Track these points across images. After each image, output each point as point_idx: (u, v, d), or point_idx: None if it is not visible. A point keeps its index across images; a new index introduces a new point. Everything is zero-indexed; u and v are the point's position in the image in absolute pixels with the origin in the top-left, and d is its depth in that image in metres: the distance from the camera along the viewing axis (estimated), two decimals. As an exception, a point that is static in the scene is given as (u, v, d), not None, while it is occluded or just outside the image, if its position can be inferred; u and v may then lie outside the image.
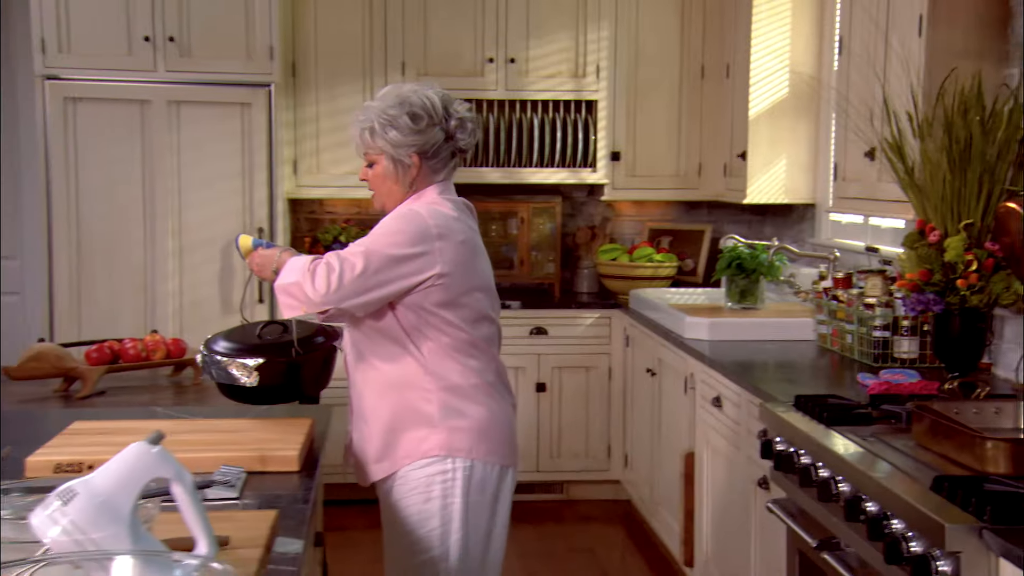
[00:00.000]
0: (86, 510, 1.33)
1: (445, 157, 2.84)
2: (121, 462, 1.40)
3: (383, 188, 2.84)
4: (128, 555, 1.27)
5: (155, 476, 1.40)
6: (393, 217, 2.80)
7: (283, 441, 2.51)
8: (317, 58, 5.61)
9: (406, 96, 2.80)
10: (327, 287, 2.64)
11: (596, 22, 5.69)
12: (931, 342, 3.71)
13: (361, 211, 6.04)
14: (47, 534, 1.33)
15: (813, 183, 5.37)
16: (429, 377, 2.76)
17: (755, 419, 3.56)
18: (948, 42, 3.56)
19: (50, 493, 1.38)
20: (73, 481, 1.39)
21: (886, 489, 2.39)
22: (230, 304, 5.37)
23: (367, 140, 2.80)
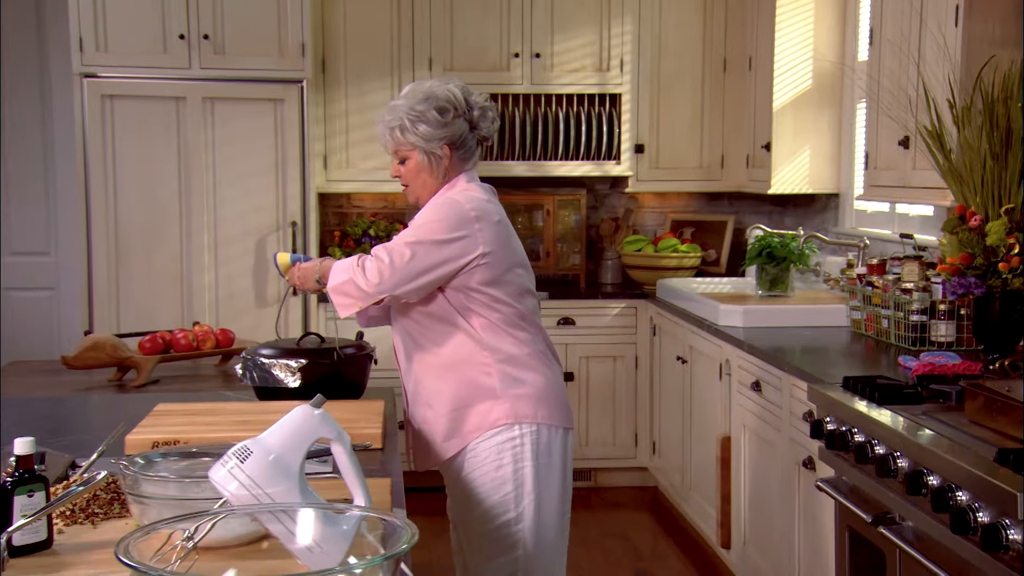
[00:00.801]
0: (261, 467, 1.42)
1: (471, 147, 3.00)
2: (289, 423, 1.49)
3: (417, 181, 2.99)
4: (308, 507, 1.35)
5: (319, 437, 1.49)
6: (431, 207, 2.95)
7: (365, 421, 2.61)
8: (346, 54, 5.69)
9: (430, 91, 2.94)
10: (379, 277, 2.80)
11: (619, 16, 5.78)
12: (968, 325, 3.82)
13: (388, 205, 6.12)
14: (227, 488, 1.42)
15: (837, 173, 5.47)
16: (486, 352, 2.89)
17: (798, 401, 3.66)
18: (984, 32, 3.65)
19: (225, 452, 1.47)
20: (247, 441, 1.48)
21: (950, 462, 2.48)
22: (264, 297, 5.45)
23: (398, 137, 2.94)
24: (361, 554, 1.42)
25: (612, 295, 5.69)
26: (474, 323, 2.89)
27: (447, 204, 2.91)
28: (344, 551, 1.40)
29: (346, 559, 1.38)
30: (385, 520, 1.35)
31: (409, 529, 1.26)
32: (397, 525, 1.28)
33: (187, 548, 1.36)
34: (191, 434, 2.42)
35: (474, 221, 2.87)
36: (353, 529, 1.41)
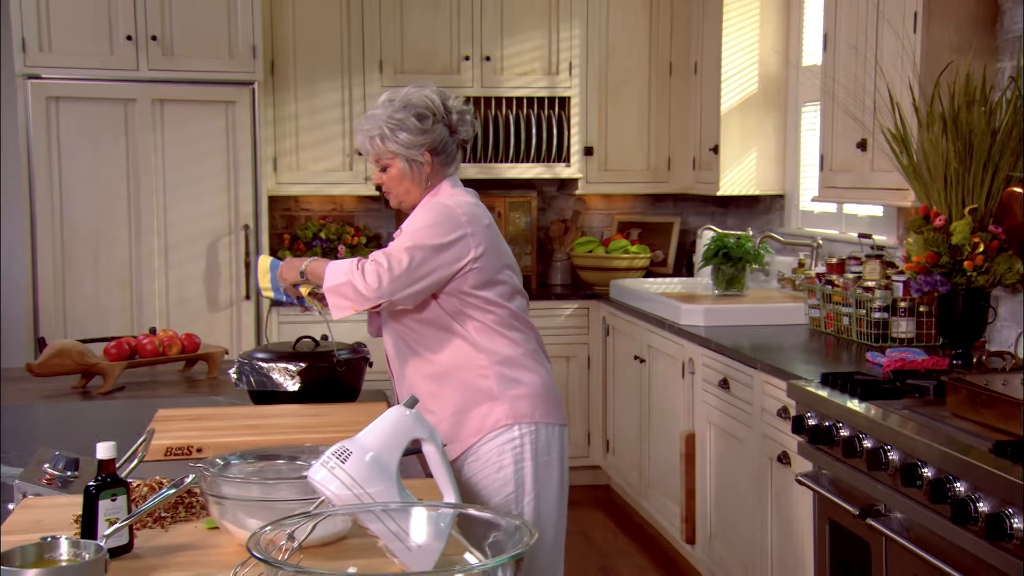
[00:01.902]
0: (361, 467, 1.43)
1: (452, 151, 3.04)
2: (384, 424, 1.50)
3: (400, 188, 3.00)
4: (420, 506, 1.37)
5: (413, 436, 1.51)
6: (422, 212, 2.97)
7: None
8: (295, 57, 5.66)
9: (408, 98, 2.96)
10: (379, 282, 2.80)
11: (568, 21, 5.84)
12: (927, 322, 3.94)
13: (337, 208, 6.10)
14: (328, 488, 1.43)
15: (783, 174, 5.59)
16: (481, 355, 2.91)
17: (771, 398, 3.74)
18: (942, 38, 3.78)
19: (328, 451, 1.48)
20: (344, 441, 1.50)
21: (947, 454, 2.57)
22: (216, 302, 5.39)
23: (379, 146, 2.95)
24: (452, 553, 1.44)
25: (563, 296, 5.75)
26: (468, 327, 2.92)
27: (438, 209, 2.93)
28: (440, 549, 1.42)
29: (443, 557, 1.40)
30: (500, 520, 1.37)
31: (529, 529, 1.29)
32: (516, 525, 1.30)
33: (292, 547, 1.37)
34: (204, 439, 2.40)
35: (466, 225, 2.91)
36: (448, 528, 1.43)
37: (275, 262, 3.07)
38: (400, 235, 2.99)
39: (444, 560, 1.37)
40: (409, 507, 1.38)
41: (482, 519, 1.38)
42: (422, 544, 1.39)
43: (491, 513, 1.36)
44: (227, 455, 1.72)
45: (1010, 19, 3.75)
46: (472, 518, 1.38)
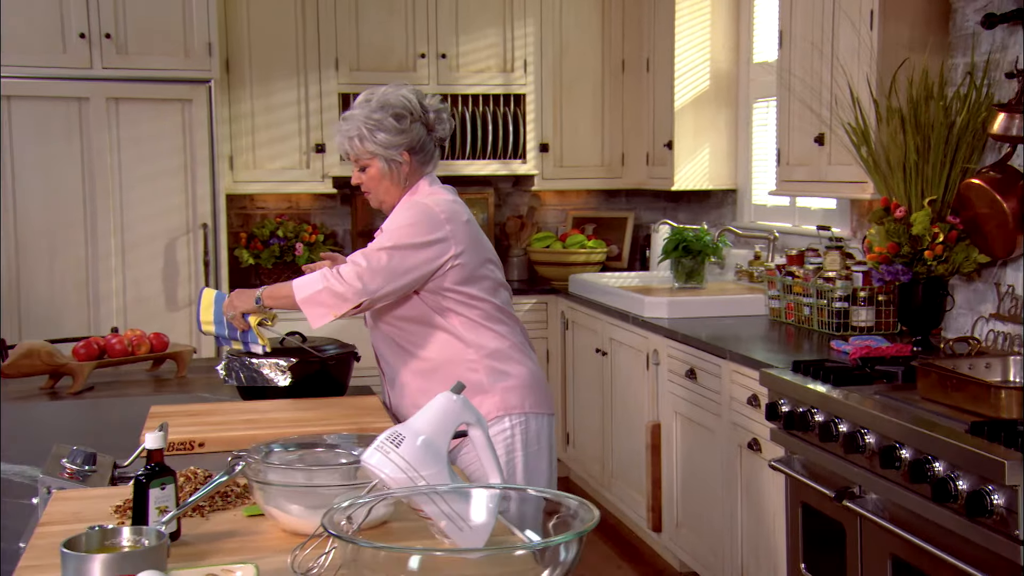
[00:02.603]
0: (414, 450, 1.47)
1: (430, 149, 3.07)
2: (434, 410, 1.55)
3: (380, 188, 3.05)
4: (479, 488, 1.42)
5: (462, 421, 1.55)
6: (401, 211, 3.01)
7: (371, 416, 2.65)
8: (250, 54, 5.65)
9: (384, 99, 3.00)
10: (360, 281, 2.84)
11: (522, 18, 5.90)
12: (886, 310, 4.06)
13: (292, 206, 6.10)
14: (383, 471, 1.47)
15: (734, 169, 5.70)
16: (470, 349, 2.97)
17: (739, 387, 3.83)
18: (897, 35, 3.89)
19: (381, 436, 1.52)
20: (396, 426, 1.54)
21: (926, 435, 2.67)
22: (175, 301, 5.37)
23: (357, 146, 2.99)
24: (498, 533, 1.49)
25: (521, 291, 5.80)
26: (454, 322, 2.96)
27: (416, 208, 2.98)
28: (491, 530, 1.47)
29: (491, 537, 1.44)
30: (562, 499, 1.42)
31: (588, 507, 1.34)
32: (577, 504, 1.36)
33: (351, 528, 1.41)
34: (206, 434, 2.42)
35: (445, 223, 2.95)
36: (496, 509, 1.47)
37: (220, 295, 3.07)
38: (380, 234, 3.03)
39: (496, 540, 1.42)
40: (469, 488, 1.43)
41: (543, 499, 1.43)
42: (474, 525, 1.44)
43: (551, 493, 1.42)
44: (268, 444, 1.76)
45: (961, 17, 3.87)
46: (530, 498, 1.43)
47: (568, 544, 1.27)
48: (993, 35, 3.69)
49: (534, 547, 1.26)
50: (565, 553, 1.27)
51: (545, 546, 1.26)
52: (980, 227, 3.59)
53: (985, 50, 3.72)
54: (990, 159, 3.69)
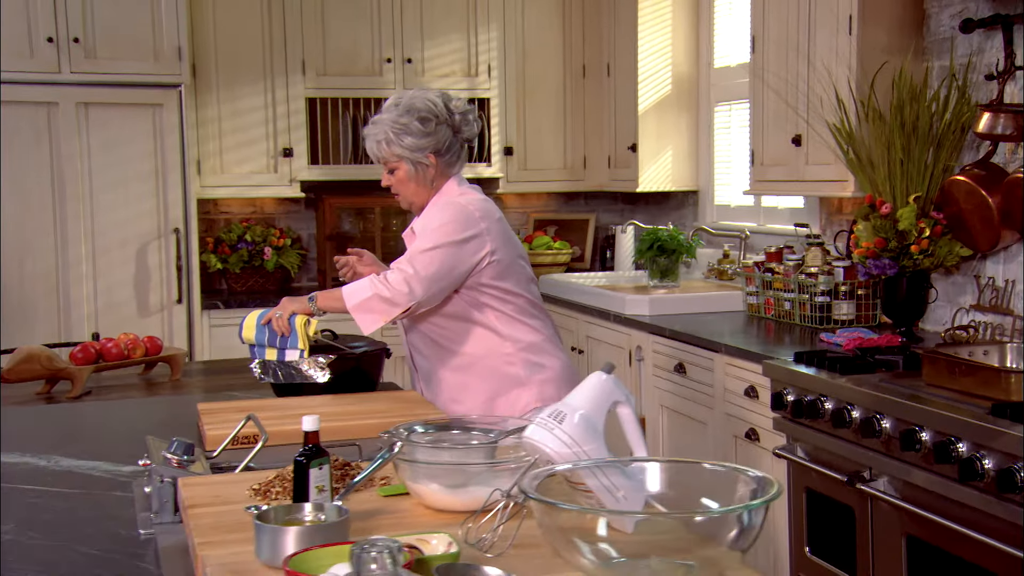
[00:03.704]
0: (577, 427, 1.55)
1: (456, 150, 3.16)
2: (588, 388, 1.62)
3: (408, 190, 3.13)
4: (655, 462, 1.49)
5: (614, 399, 1.63)
6: (435, 212, 3.08)
7: (422, 408, 2.71)
8: (217, 59, 5.64)
9: (411, 103, 3.09)
10: (408, 287, 2.93)
11: (485, 24, 5.98)
12: (867, 304, 4.23)
13: (257, 210, 6.09)
14: (549, 446, 1.54)
15: (696, 171, 5.85)
16: (507, 342, 3.05)
17: (734, 379, 3.96)
18: (876, 39, 4.06)
19: (541, 414, 1.59)
20: (555, 404, 1.61)
21: (949, 417, 2.81)
22: (146, 307, 5.34)
23: (385, 150, 3.08)
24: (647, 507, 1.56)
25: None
26: (490, 317, 3.05)
27: (451, 208, 3.05)
28: (643, 502, 1.55)
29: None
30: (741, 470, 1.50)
31: (770, 480, 1.43)
32: (758, 476, 1.44)
33: (519, 503, 1.47)
34: (268, 428, 2.44)
35: (480, 220, 3.04)
36: (645, 481, 1.56)
37: (263, 312, 3.09)
38: (414, 236, 3.09)
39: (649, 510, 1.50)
40: (643, 463, 1.51)
41: (722, 471, 1.52)
42: (628, 498, 1.52)
43: (728, 465, 1.50)
44: (408, 425, 1.81)
45: (936, 22, 4.06)
46: (707, 470, 1.51)
47: (755, 512, 1.35)
48: (970, 39, 3.87)
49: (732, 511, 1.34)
50: (749, 520, 1.35)
51: (744, 510, 1.34)
52: (963, 222, 3.76)
53: (962, 53, 3.90)
54: (968, 157, 3.87)
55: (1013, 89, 3.69)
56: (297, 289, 5.98)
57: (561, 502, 1.35)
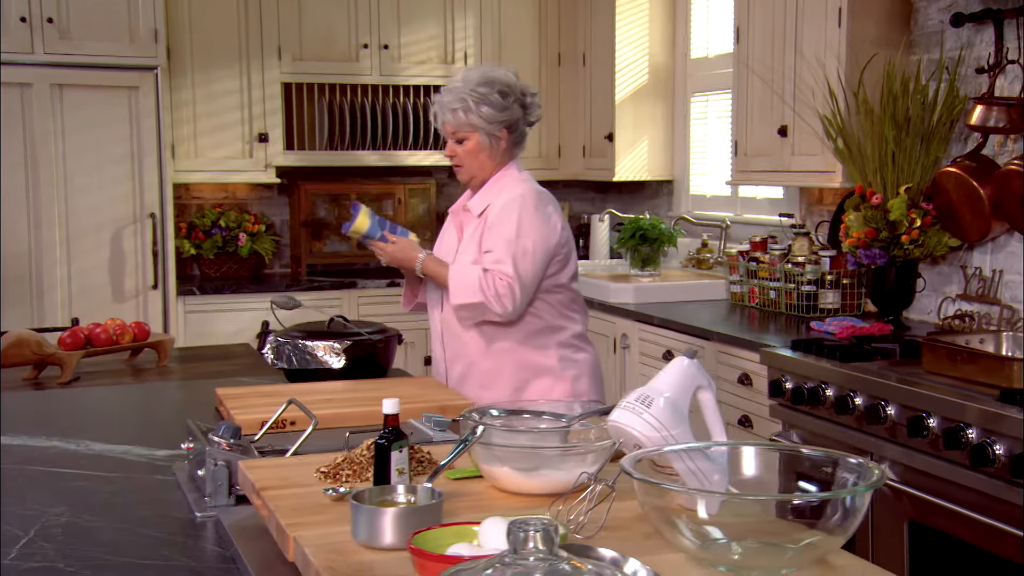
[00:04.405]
0: (664, 411, 1.56)
1: (523, 131, 3.11)
2: (673, 373, 1.63)
3: (475, 163, 3.05)
4: (750, 446, 1.51)
5: (697, 384, 1.64)
6: (515, 209, 2.98)
7: (444, 394, 2.71)
8: (192, 42, 5.56)
9: (490, 75, 3.04)
10: (514, 302, 2.90)
11: (462, 11, 5.96)
12: (852, 293, 4.29)
13: (229, 195, 6.02)
14: (637, 430, 1.55)
15: (671, 160, 5.89)
16: (549, 335, 3.04)
17: (726, 366, 4.00)
18: (865, 32, 4.11)
19: (628, 398, 1.60)
20: (641, 389, 1.61)
21: (958, 403, 2.86)
22: (122, 291, 5.26)
23: (460, 118, 3.00)
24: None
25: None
26: (539, 307, 3.02)
27: (527, 203, 2.97)
28: (726, 485, 1.56)
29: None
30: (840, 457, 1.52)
31: (874, 465, 1.45)
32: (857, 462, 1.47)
33: (608, 485, 1.48)
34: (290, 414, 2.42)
35: (558, 220, 3.04)
36: (727, 464, 1.57)
37: (378, 221, 3.10)
38: (469, 215, 3.05)
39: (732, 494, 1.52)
40: (739, 446, 1.52)
41: (821, 456, 1.54)
42: (714, 480, 1.53)
43: (827, 451, 1.52)
44: (481, 408, 1.81)
45: (924, 16, 4.12)
46: (804, 455, 1.53)
47: (859, 497, 1.37)
48: (959, 33, 3.93)
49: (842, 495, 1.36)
50: (853, 505, 1.37)
51: (850, 495, 1.36)
52: (953, 213, 3.83)
53: (951, 47, 3.97)
54: (955, 150, 3.94)
55: (1003, 83, 3.76)
56: (270, 276, 5.94)
57: (666, 482, 1.36)
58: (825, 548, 1.40)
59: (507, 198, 3.00)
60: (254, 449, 2.02)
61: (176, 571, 1.65)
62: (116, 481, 2.09)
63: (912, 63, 4.09)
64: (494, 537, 1.27)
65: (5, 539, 1.77)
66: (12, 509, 1.92)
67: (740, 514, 1.43)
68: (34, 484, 2.09)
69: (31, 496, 2.00)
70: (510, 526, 1.03)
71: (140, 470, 2.17)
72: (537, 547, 1.03)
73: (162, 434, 2.44)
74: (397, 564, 1.39)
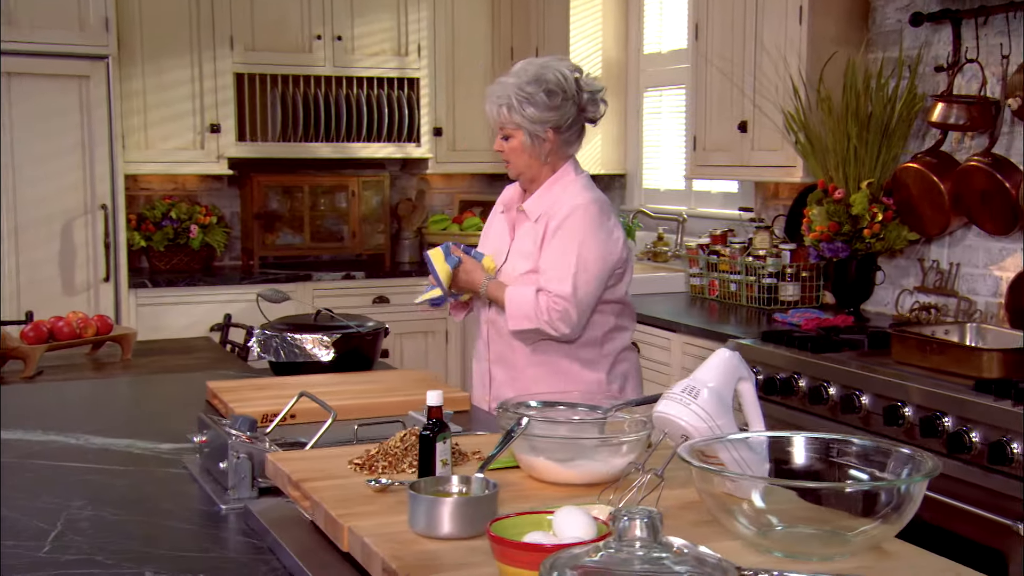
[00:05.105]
0: (710, 401, 1.58)
1: (577, 130, 3.00)
2: (716, 365, 1.65)
3: (520, 161, 2.97)
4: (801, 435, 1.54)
5: (739, 376, 1.66)
6: (577, 224, 2.88)
7: (441, 387, 2.71)
8: (142, 31, 5.47)
9: (541, 73, 2.91)
10: (570, 325, 2.83)
11: (415, 3, 5.95)
12: (811, 285, 4.37)
13: (178, 187, 5.94)
14: (685, 420, 1.57)
15: (624, 155, 5.94)
16: (596, 346, 2.97)
17: (693, 357, 4.05)
18: (825, 30, 4.19)
19: (673, 389, 1.62)
20: (686, 380, 1.63)
21: (934, 392, 2.94)
22: (72, 284, 5.18)
23: (504, 115, 2.91)
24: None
25: (421, 273, 5.86)
26: (595, 318, 2.95)
27: (591, 221, 2.88)
28: (765, 473, 1.60)
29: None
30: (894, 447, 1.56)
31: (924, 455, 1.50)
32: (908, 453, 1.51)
33: (656, 475, 1.51)
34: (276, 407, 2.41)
35: (613, 228, 2.93)
36: (767, 454, 1.61)
37: (451, 258, 3.01)
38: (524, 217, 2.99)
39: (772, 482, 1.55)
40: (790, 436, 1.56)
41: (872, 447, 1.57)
42: (756, 471, 1.57)
43: (878, 441, 1.56)
44: (520, 400, 1.82)
45: (881, 15, 4.21)
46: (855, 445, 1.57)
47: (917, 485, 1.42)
48: (917, 32, 4.03)
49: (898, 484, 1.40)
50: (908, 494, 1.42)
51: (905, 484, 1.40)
52: (913, 208, 3.92)
53: (909, 46, 4.06)
54: (913, 146, 4.04)
55: (961, 81, 3.85)
56: (220, 268, 5.88)
57: (725, 470, 1.39)
58: (880, 537, 1.43)
59: (568, 209, 2.90)
60: (270, 441, 2.02)
61: (216, 562, 1.64)
62: (129, 475, 2.07)
63: (870, 61, 4.18)
64: (570, 526, 1.28)
65: (31, 533, 1.75)
66: (28, 503, 1.90)
67: (793, 502, 1.47)
68: (44, 478, 2.06)
69: (44, 490, 1.98)
70: (613, 512, 1.05)
71: (149, 463, 2.15)
72: (641, 535, 1.05)
73: (158, 428, 2.42)
74: (459, 553, 1.40)
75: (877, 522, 1.41)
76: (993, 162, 3.64)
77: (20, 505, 1.88)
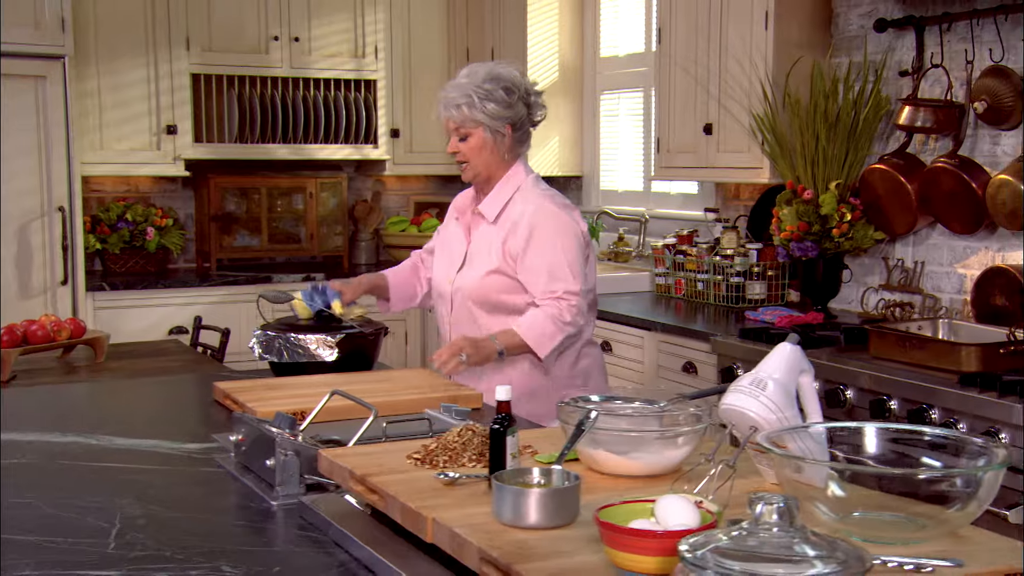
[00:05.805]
0: (778, 394, 1.63)
1: (527, 130, 3.09)
2: (781, 356, 1.70)
3: (479, 159, 3.02)
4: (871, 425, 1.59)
5: (802, 368, 1.71)
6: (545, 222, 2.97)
7: (447, 385, 2.74)
8: (96, 31, 5.40)
9: (495, 72, 3.01)
10: (582, 314, 2.95)
11: (372, 5, 5.95)
12: (777, 284, 4.47)
13: (131, 189, 5.87)
14: (755, 412, 1.62)
15: (580, 157, 6.01)
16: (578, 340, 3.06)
17: (668, 355, 4.12)
18: (789, 35, 4.29)
19: (740, 382, 1.67)
20: (752, 373, 1.68)
21: (921, 387, 3.04)
22: (28, 287, 5.09)
23: (464, 113, 2.97)
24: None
25: (379, 275, 5.86)
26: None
27: (555, 215, 2.98)
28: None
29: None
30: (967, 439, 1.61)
31: (1002, 446, 1.56)
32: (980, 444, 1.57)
33: (728, 465, 1.55)
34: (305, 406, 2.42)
35: (578, 219, 3.04)
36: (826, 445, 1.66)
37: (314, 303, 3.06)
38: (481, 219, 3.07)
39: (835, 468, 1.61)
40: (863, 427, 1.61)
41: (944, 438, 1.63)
42: (817, 457, 1.62)
43: (951, 432, 1.62)
44: (579, 396, 1.86)
45: (844, 20, 4.32)
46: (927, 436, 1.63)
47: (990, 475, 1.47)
48: (880, 38, 4.14)
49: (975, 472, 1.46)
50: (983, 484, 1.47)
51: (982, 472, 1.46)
52: (881, 208, 4.03)
53: (872, 51, 4.17)
54: (878, 148, 4.15)
55: (925, 85, 3.97)
56: (176, 271, 5.82)
57: (808, 458, 1.44)
58: (955, 524, 1.48)
59: (531, 210, 2.98)
60: (308, 438, 2.03)
61: (284, 555, 1.65)
62: (167, 474, 2.07)
63: (835, 66, 4.28)
64: (673, 514, 1.32)
65: (90, 530, 1.74)
66: (72, 502, 1.88)
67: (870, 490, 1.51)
68: (80, 478, 2.05)
69: (83, 489, 1.97)
70: (751, 497, 1.09)
71: (182, 463, 2.14)
72: (777, 519, 1.09)
73: (175, 429, 2.41)
74: (549, 542, 1.43)
75: (954, 508, 1.47)
76: (960, 163, 3.76)
77: (67, 504, 1.87)
